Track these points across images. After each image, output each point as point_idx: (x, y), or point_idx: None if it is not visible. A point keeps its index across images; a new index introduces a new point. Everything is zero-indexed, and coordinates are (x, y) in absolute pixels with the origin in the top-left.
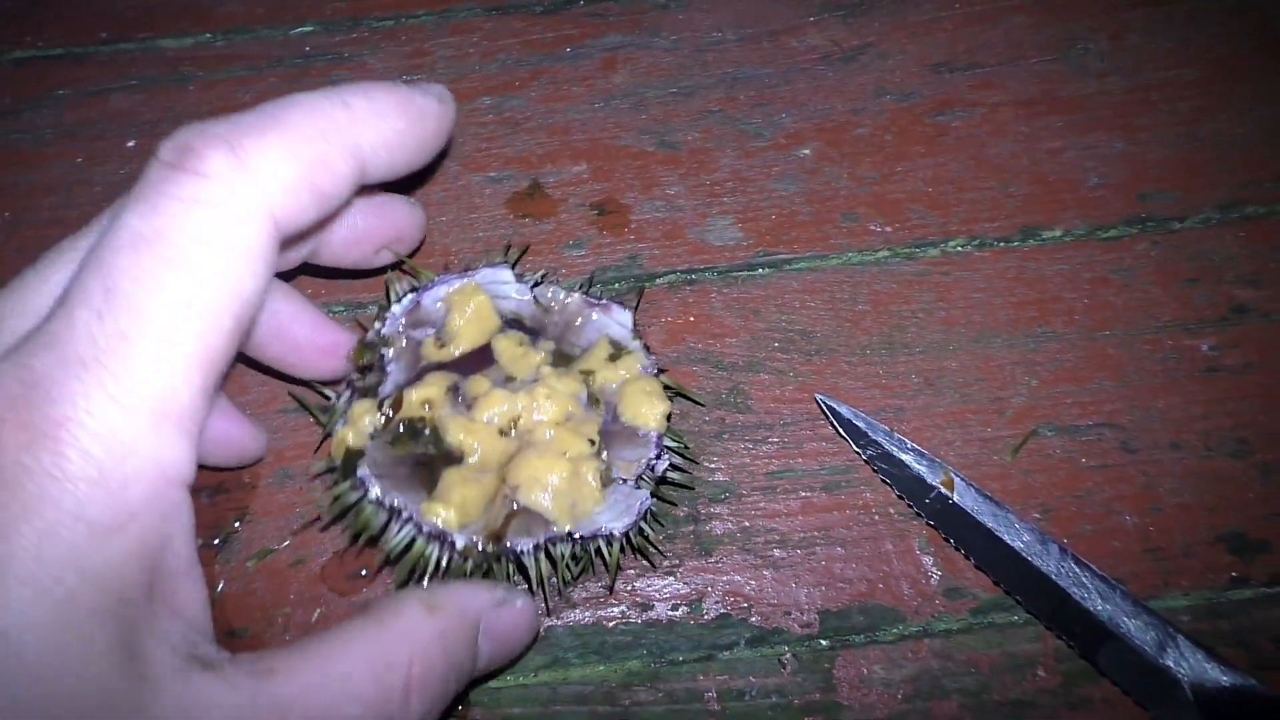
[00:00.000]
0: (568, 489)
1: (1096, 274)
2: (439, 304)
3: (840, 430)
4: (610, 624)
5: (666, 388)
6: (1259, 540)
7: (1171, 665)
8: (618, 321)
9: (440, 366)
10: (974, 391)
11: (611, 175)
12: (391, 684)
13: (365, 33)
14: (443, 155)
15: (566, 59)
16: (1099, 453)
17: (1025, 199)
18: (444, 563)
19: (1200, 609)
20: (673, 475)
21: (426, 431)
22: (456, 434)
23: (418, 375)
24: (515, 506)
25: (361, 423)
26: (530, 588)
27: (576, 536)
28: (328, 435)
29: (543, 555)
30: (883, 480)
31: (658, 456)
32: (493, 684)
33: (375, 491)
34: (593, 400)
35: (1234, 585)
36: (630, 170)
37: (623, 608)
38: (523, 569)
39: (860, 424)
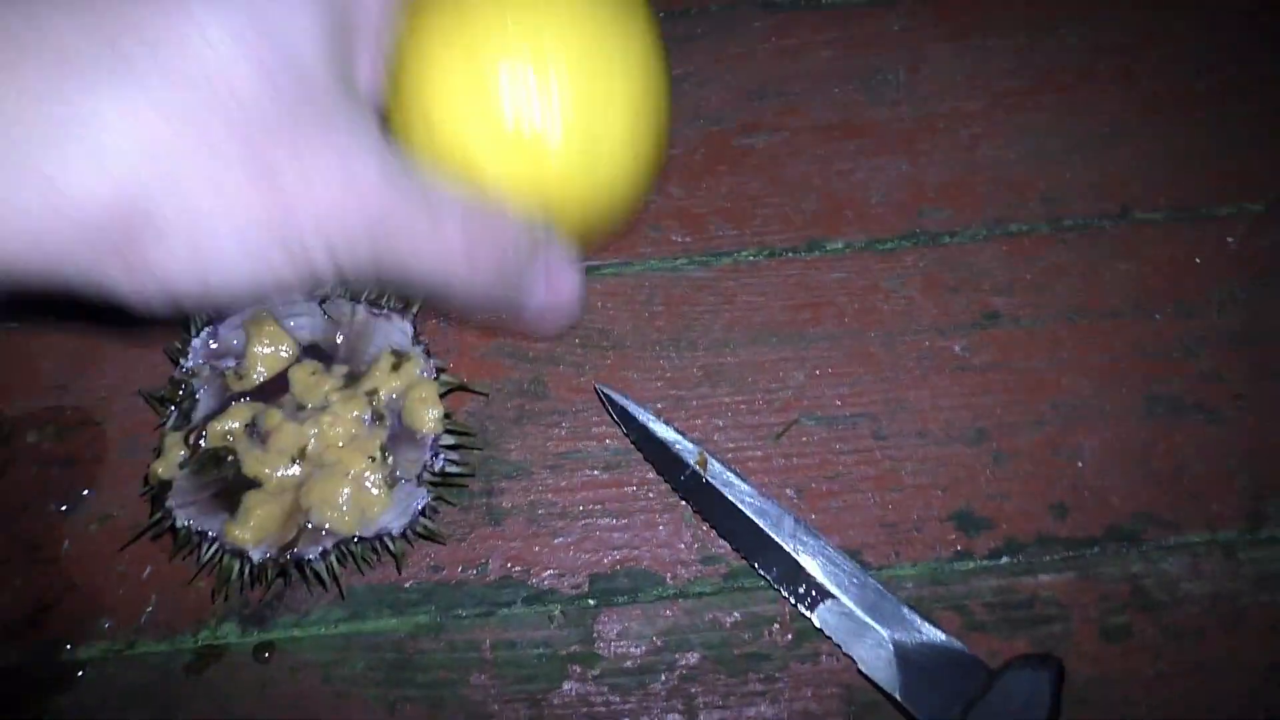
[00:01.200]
0: (355, 501)
1: (870, 282)
2: (237, 332)
3: (614, 416)
4: (405, 584)
5: (460, 387)
6: (984, 518)
7: (877, 623)
8: (400, 330)
9: (243, 394)
10: (748, 384)
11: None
12: None
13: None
14: None
15: None
16: (852, 439)
17: (814, 215)
18: (246, 572)
19: (924, 577)
20: (453, 469)
21: (229, 459)
22: (253, 465)
23: (223, 404)
24: (309, 524)
25: (171, 455)
26: (324, 586)
27: (358, 539)
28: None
29: (333, 558)
30: (646, 460)
31: (434, 457)
32: (295, 633)
33: (182, 521)
34: (377, 415)
35: (957, 557)
36: None
37: (415, 569)
38: (314, 572)
39: (630, 410)
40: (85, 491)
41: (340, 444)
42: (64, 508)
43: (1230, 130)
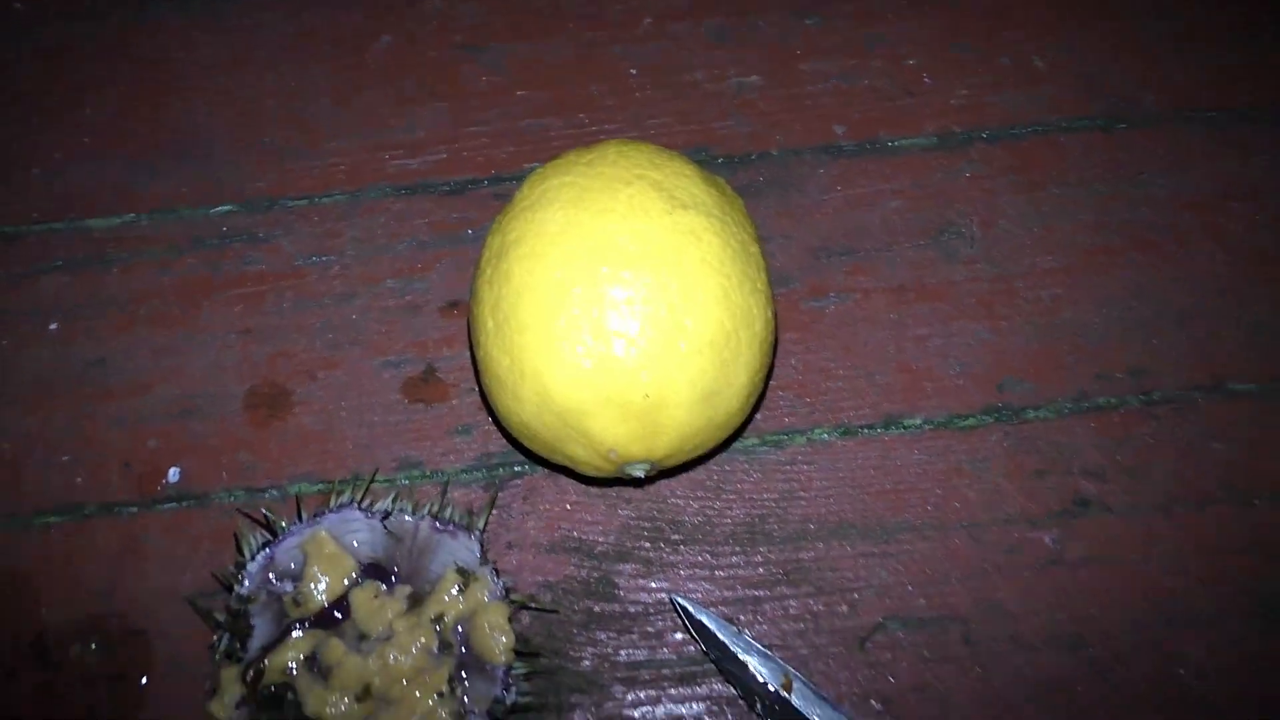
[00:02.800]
0: None
1: (951, 464)
2: (295, 554)
3: (691, 629)
4: None
5: (531, 606)
6: None
7: None
8: (466, 547)
9: (303, 621)
10: (828, 583)
11: None
12: None
13: (281, 214)
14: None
15: (469, 241)
16: (940, 645)
17: (889, 387)
18: None
19: None
20: (525, 700)
21: (289, 697)
22: (315, 704)
23: (282, 633)
24: None
25: (228, 693)
26: None
27: None
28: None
29: None
30: (726, 681)
31: (506, 689)
32: None
33: None
34: (444, 643)
35: None
36: None
37: None
38: None
39: (708, 624)
40: (135, 709)
41: (406, 679)
42: None
43: None
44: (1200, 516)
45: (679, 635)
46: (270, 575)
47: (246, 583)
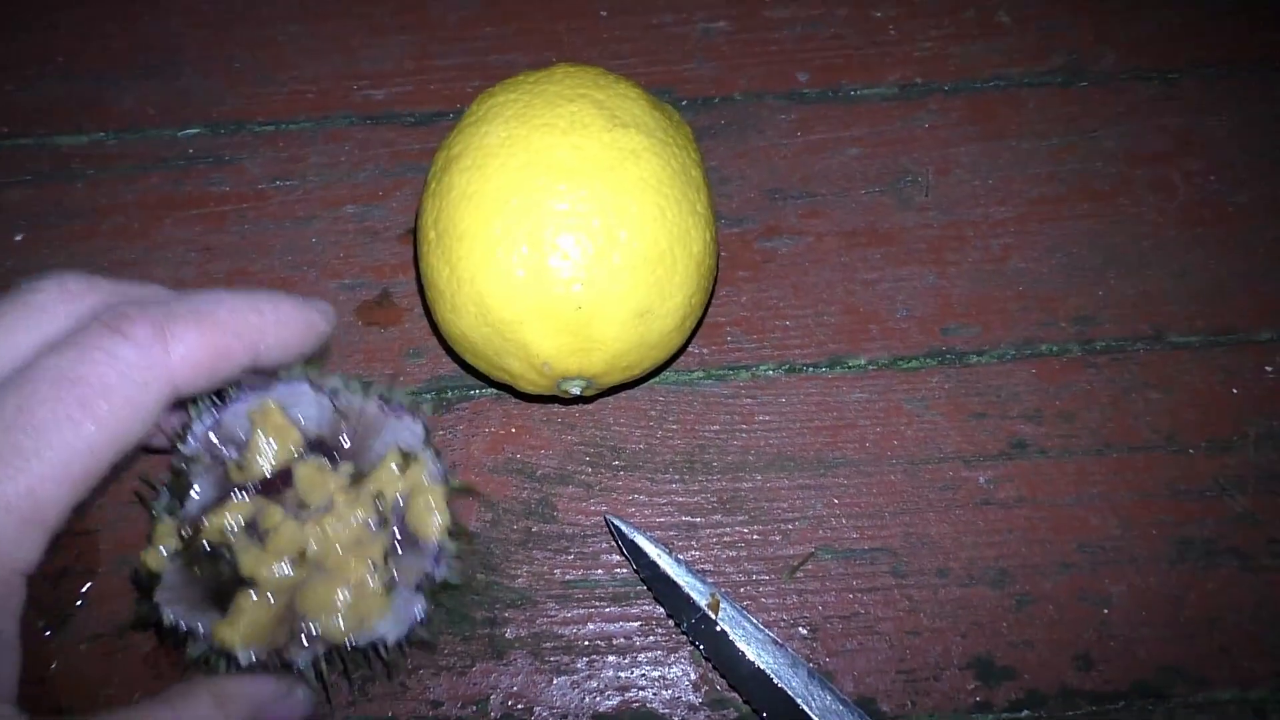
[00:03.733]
0: (352, 607)
1: (892, 403)
2: (242, 420)
3: (623, 549)
4: (402, 719)
5: (468, 491)
6: (1005, 668)
7: None
8: (410, 429)
9: (244, 486)
10: (763, 513)
11: None
12: None
13: (248, 137)
14: None
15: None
16: (870, 576)
17: (837, 327)
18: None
19: None
20: (454, 580)
21: (225, 556)
22: (249, 565)
23: (222, 495)
24: (302, 628)
25: (163, 545)
26: (311, 686)
27: (352, 647)
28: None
29: (323, 665)
30: (655, 599)
31: (436, 566)
32: None
33: (169, 616)
34: (381, 518)
35: (977, 709)
36: None
37: (415, 704)
38: (301, 676)
39: (640, 545)
40: (77, 604)
41: (341, 548)
42: (49, 632)
43: (1271, 250)
44: (1133, 460)
45: (614, 557)
46: (215, 439)
47: (191, 442)
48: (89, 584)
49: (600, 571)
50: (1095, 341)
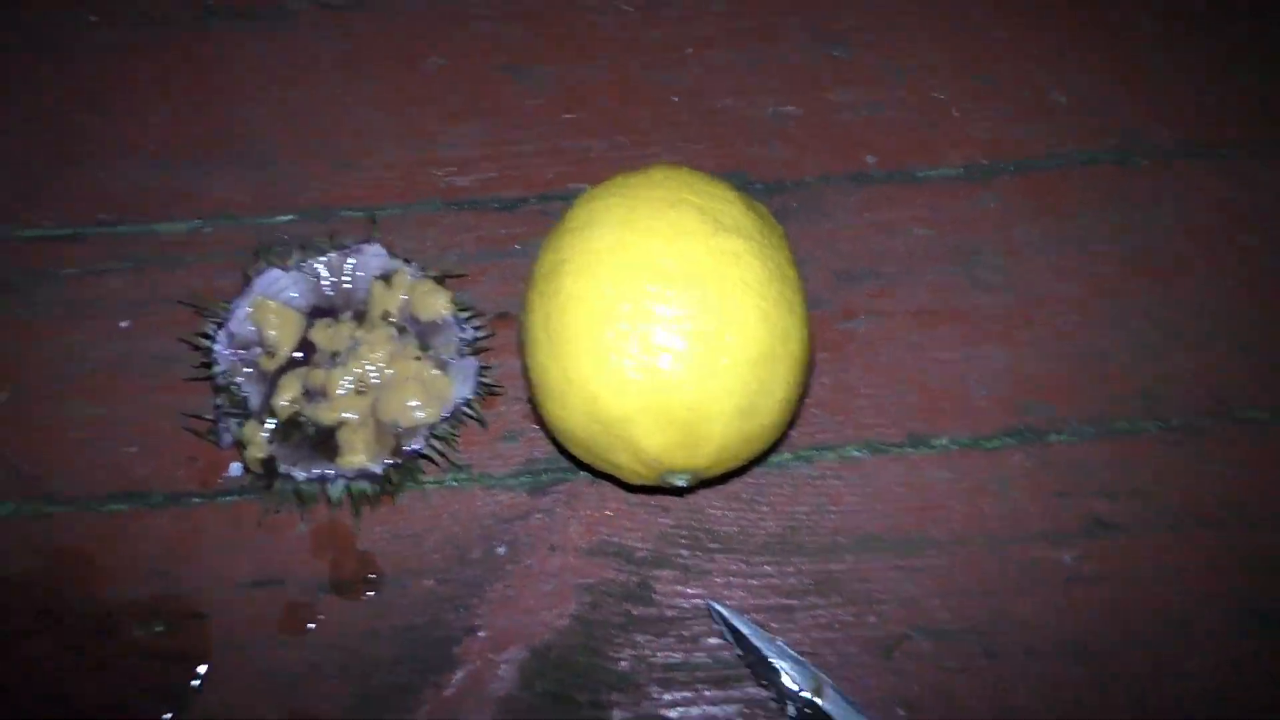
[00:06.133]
0: (425, 395)
1: (975, 483)
2: (247, 325)
3: (727, 633)
4: None
5: (450, 275)
6: None
7: None
8: (373, 255)
9: (280, 369)
10: (857, 594)
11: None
12: None
13: (337, 224)
14: None
15: (516, 255)
16: (962, 656)
17: (916, 407)
18: (378, 488)
19: None
20: (480, 334)
21: (304, 419)
22: (327, 415)
23: (271, 384)
24: (400, 430)
25: (257, 438)
26: (437, 464)
27: (445, 417)
28: (225, 447)
29: (433, 439)
30: (760, 684)
31: (462, 329)
32: None
33: (301, 474)
34: (399, 328)
35: None
36: None
37: None
38: (426, 458)
39: (744, 630)
40: (194, 683)
41: (386, 363)
42: (168, 716)
43: None
44: (1206, 536)
45: (714, 640)
46: (235, 350)
47: (220, 362)
48: (205, 666)
49: (702, 654)
50: (1164, 418)
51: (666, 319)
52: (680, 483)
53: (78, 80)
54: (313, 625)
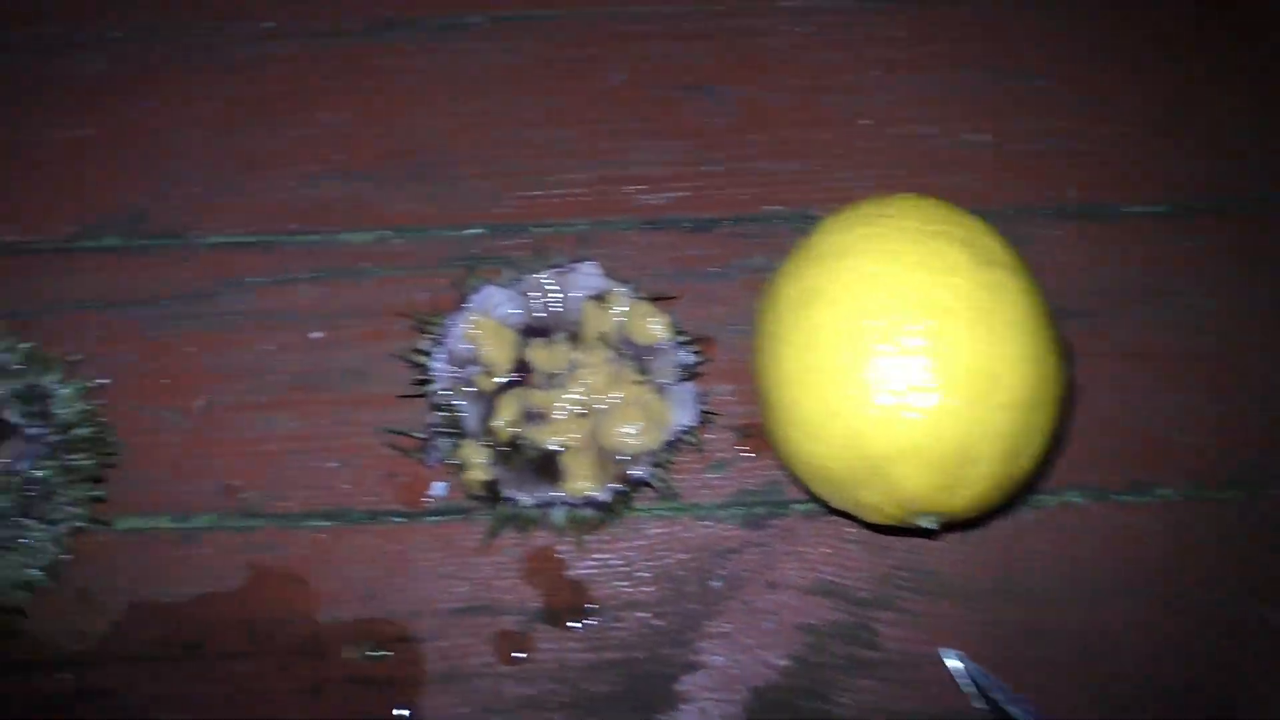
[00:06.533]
0: (646, 421)
1: (1198, 534)
2: (461, 341)
3: (961, 683)
4: None
5: (663, 298)
6: None
7: None
8: (585, 274)
9: (498, 390)
10: (1087, 646)
11: (754, 399)
12: None
13: (528, 239)
14: None
15: (711, 278)
16: (1192, 709)
17: (1135, 454)
18: (600, 515)
19: None
20: (698, 359)
21: (524, 442)
22: (548, 438)
23: (489, 405)
24: (622, 456)
25: (478, 460)
26: (659, 493)
27: (666, 443)
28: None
29: (655, 469)
30: None
31: (680, 355)
32: None
33: (528, 500)
34: (616, 350)
35: None
36: None
37: None
38: (649, 486)
39: (976, 678)
40: (404, 712)
41: (606, 387)
42: None
43: None
44: None
45: (942, 688)
46: (453, 368)
47: (439, 381)
48: (419, 692)
49: (931, 703)
50: None
51: (937, 355)
52: (930, 525)
53: (259, 89)
54: (528, 655)
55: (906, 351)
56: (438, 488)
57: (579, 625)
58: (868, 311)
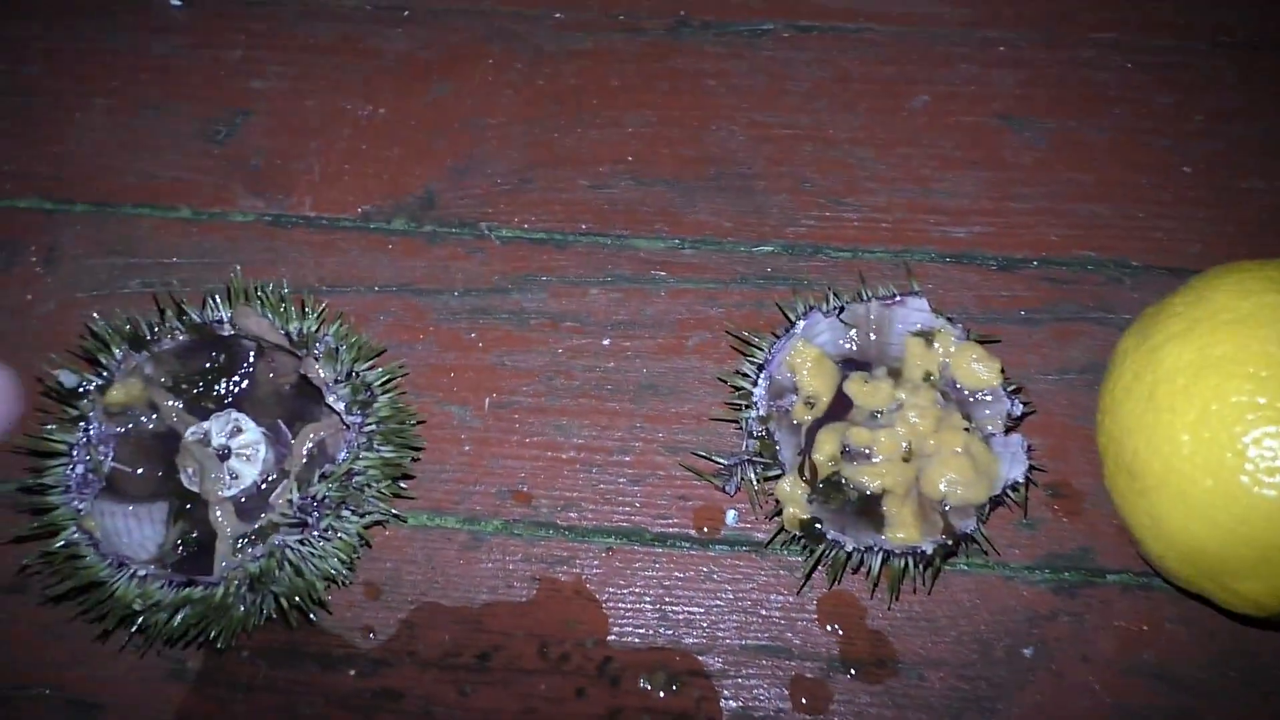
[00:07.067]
0: (975, 472)
1: None
2: (783, 370)
3: None
4: None
5: (987, 340)
6: None
7: None
8: (915, 310)
9: (817, 423)
10: None
11: (1067, 455)
12: None
13: (824, 262)
14: None
15: (1018, 321)
16: None
17: None
18: (919, 568)
19: None
20: (1024, 410)
21: (844, 482)
22: (871, 478)
23: (807, 438)
24: (947, 508)
25: (797, 497)
26: (984, 550)
27: (993, 499)
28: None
29: (982, 524)
30: None
31: (1011, 404)
32: None
33: (851, 544)
34: (941, 393)
35: None
36: (1086, 453)
37: None
38: (973, 540)
39: None
40: None
41: (932, 431)
42: None
43: None
44: None
45: None
46: (773, 396)
47: (759, 407)
48: None
49: None
50: None
51: None
52: None
53: (551, 82)
54: (824, 705)
55: None
56: (730, 516)
57: (882, 681)
58: None
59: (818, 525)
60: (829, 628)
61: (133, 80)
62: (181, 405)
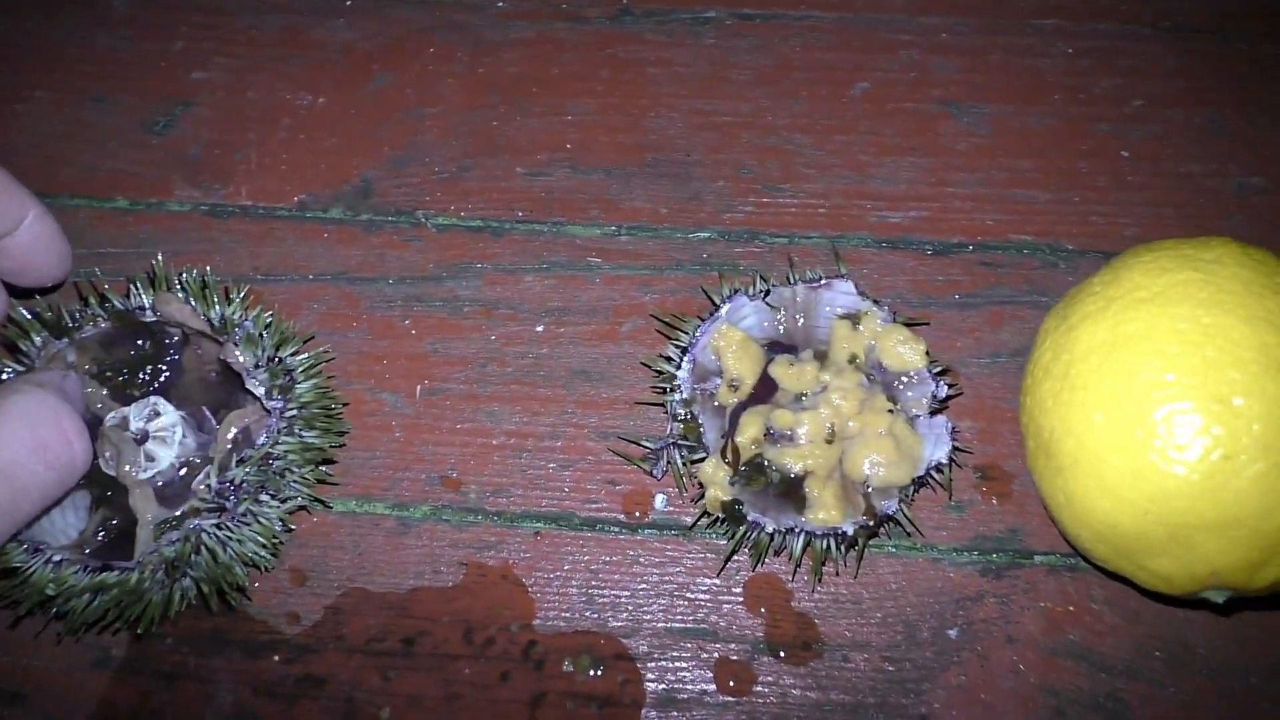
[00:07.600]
0: (898, 453)
1: None
2: (707, 353)
3: None
4: None
5: (917, 322)
6: None
7: None
8: (841, 293)
9: (741, 406)
10: None
11: (997, 438)
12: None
13: (761, 248)
14: None
15: (953, 306)
16: None
17: None
18: (841, 549)
19: None
20: (949, 392)
21: (767, 465)
22: (794, 460)
23: (731, 421)
24: (869, 489)
25: (719, 478)
26: (906, 531)
27: (915, 479)
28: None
29: (902, 506)
30: None
31: (937, 385)
32: None
33: (771, 525)
34: (866, 374)
35: None
36: (1016, 435)
37: None
38: (895, 521)
39: None
40: None
41: (856, 413)
42: None
43: None
44: None
45: None
46: (697, 379)
47: (683, 390)
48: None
49: None
50: None
51: (1276, 421)
52: (1218, 600)
53: (492, 71)
54: (748, 687)
55: (1239, 414)
56: (659, 501)
57: (806, 663)
58: (1194, 367)
59: (739, 507)
60: (755, 610)
61: (75, 72)
62: (106, 392)
